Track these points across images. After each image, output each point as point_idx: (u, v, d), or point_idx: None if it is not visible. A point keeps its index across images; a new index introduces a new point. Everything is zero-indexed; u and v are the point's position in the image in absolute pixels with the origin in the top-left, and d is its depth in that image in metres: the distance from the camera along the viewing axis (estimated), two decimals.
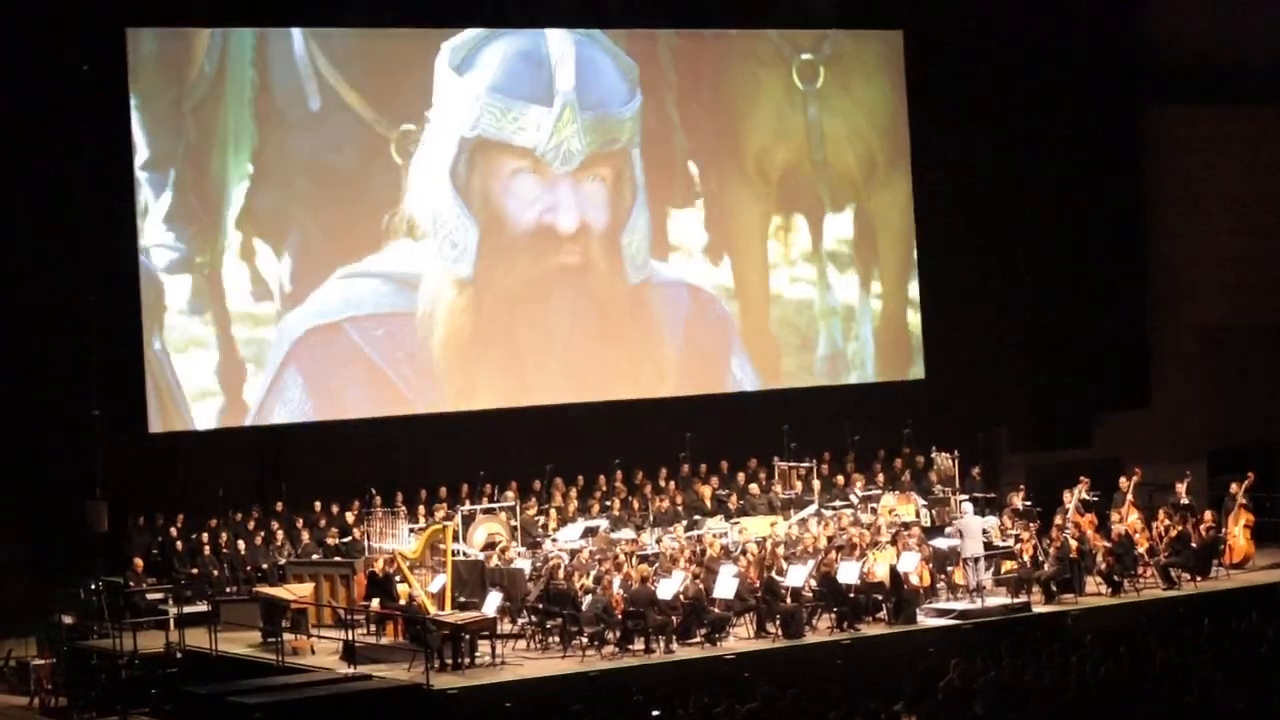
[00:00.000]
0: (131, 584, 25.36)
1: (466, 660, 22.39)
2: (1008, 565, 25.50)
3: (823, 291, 31.18)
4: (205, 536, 26.26)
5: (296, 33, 27.91)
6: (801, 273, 31.13)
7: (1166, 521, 26.00)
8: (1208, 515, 26.25)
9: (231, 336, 27.48)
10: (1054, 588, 24.89)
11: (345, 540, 26.41)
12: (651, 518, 27.01)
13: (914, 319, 31.63)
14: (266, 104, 27.78)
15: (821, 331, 31.24)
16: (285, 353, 27.71)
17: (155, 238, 27.15)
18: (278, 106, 27.89)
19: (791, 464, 28.32)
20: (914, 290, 31.60)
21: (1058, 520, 25.76)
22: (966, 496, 27.28)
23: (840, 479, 28.43)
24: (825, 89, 31.26)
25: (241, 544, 26.30)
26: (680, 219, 30.30)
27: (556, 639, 23.21)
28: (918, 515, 26.85)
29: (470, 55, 28.81)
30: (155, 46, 27.32)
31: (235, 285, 27.54)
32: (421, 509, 26.72)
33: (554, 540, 25.89)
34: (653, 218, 30.01)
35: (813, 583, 23.91)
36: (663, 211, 30.13)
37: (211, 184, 27.51)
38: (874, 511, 26.81)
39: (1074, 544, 25.04)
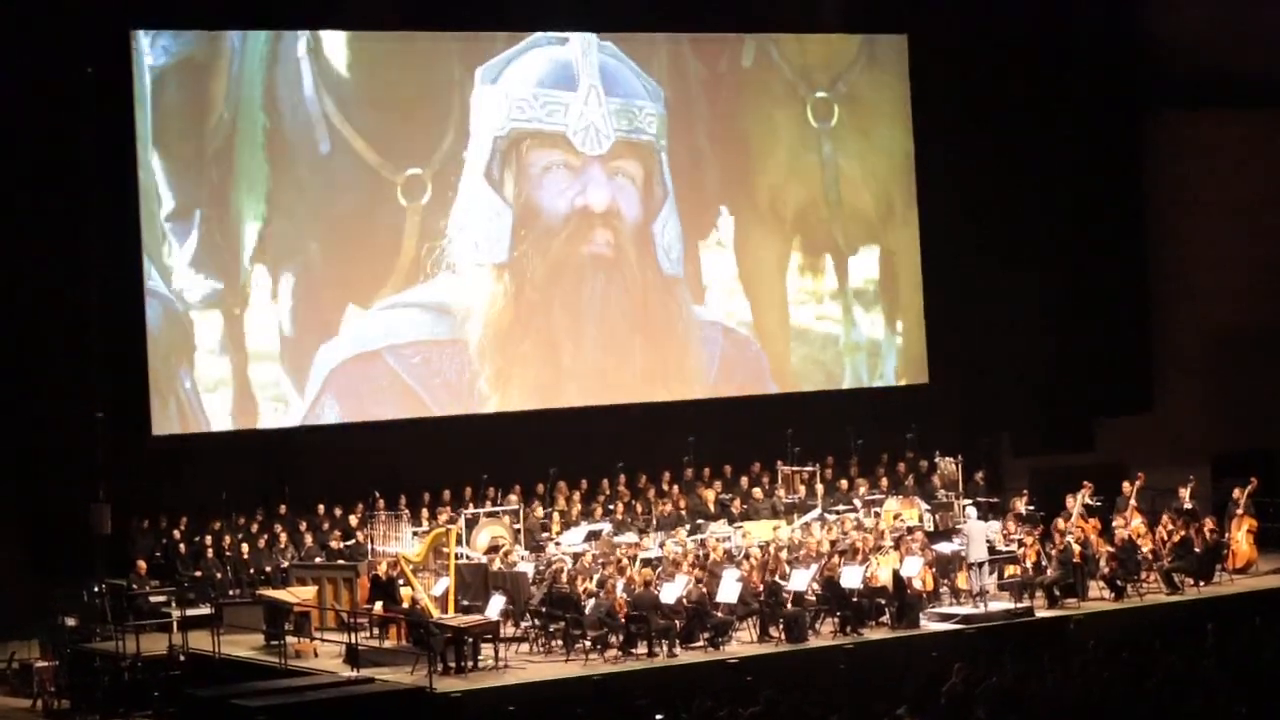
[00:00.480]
0: (134, 586, 25.37)
1: (469, 664, 22.38)
2: (1011, 570, 25.49)
3: (848, 328, 31.26)
4: (208, 539, 26.26)
5: (308, 80, 27.97)
6: (826, 310, 31.24)
7: (1170, 526, 25.99)
8: (1208, 520, 26.25)
9: (256, 373, 27.67)
10: (1057, 592, 24.88)
11: (348, 543, 26.40)
12: (655, 521, 27.01)
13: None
14: (278, 146, 27.91)
15: (847, 367, 31.32)
16: (321, 383, 27.93)
17: (183, 279, 27.33)
18: (289, 148, 28.06)
19: (795, 468, 28.34)
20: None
21: (1061, 525, 25.73)
22: (970, 501, 27.26)
23: (843, 483, 28.44)
24: (839, 128, 31.33)
25: (245, 547, 26.30)
26: (705, 251, 30.48)
27: (560, 642, 23.22)
28: (921, 520, 26.87)
29: (500, 69, 29.08)
30: (178, 96, 27.43)
31: (259, 323, 27.72)
32: (425, 512, 26.72)
33: (557, 544, 25.88)
34: (685, 249, 30.25)
35: (816, 587, 23.92)
36: (695, 247, 30.38)
37: (232, 224, 27.67)
38: (877, 516, 26.83)
39: (1077, 548, 25.02)
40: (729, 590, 23.35)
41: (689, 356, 30.36)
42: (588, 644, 22.83)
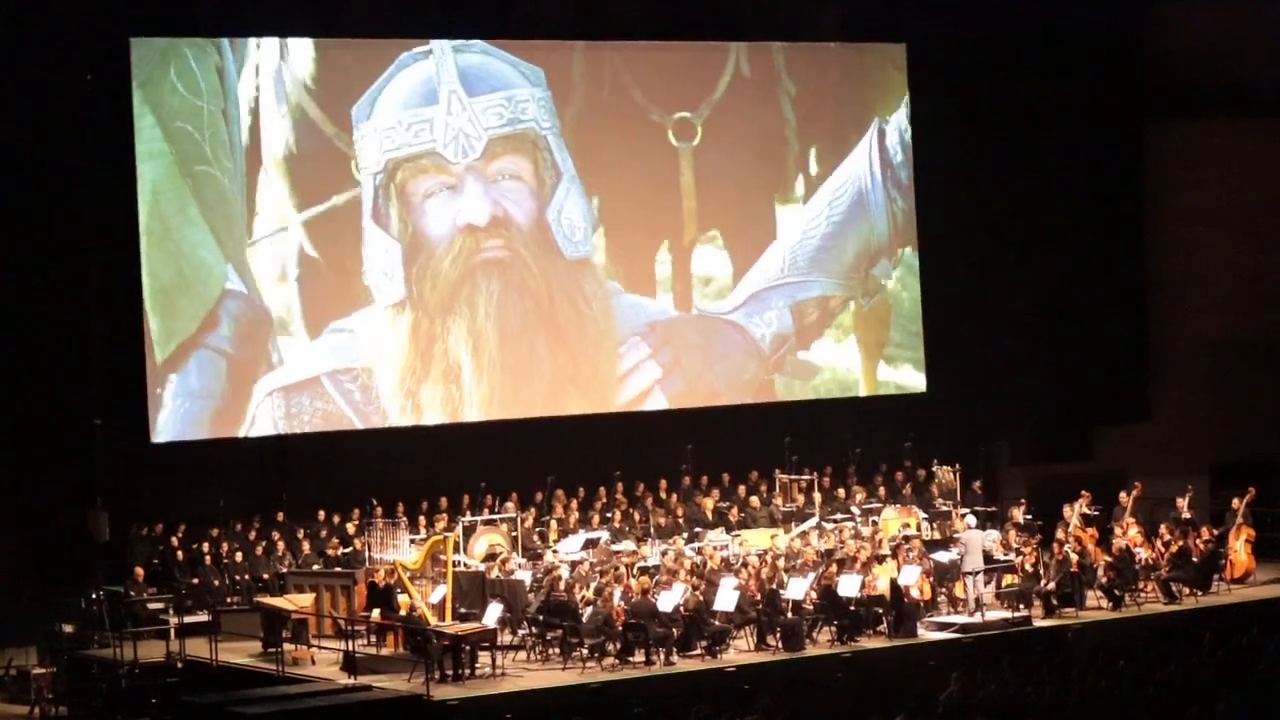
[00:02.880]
0: (132, 593, 25.35)
1: (467, 671, 22.39)
2: (1008, 579, 25.50)
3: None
4: (206, 546, 26.26)
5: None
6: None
7: (1168, 536, 26.01)
8: (1204, 530, 26.26)
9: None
10: (1054, 601, 24.88)
11: (346, 551, 26.38)
12: (652, 530, 27.01)
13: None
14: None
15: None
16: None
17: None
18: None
19: (792, 477, 28.34)
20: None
21: (1059, 534, 25.74)
22: (968, 510, 27.25)
23: (841, 492, 28.45)
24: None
25: (242, 554, 26.30)
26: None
27: (557, 650, 23.22)
28: (919, 528, 26.87)
29: (370, 104, 28.49)
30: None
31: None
32: (422, 520, 26.72)
33: (555, 552, 25.88)
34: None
35: (813, 595, 23.92)
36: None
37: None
38: (875, 524, 26.82)
39: (1075, 558, 25.03)
40: (726, 598, 23.35)
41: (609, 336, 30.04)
42: (585, 652, 22.83)
